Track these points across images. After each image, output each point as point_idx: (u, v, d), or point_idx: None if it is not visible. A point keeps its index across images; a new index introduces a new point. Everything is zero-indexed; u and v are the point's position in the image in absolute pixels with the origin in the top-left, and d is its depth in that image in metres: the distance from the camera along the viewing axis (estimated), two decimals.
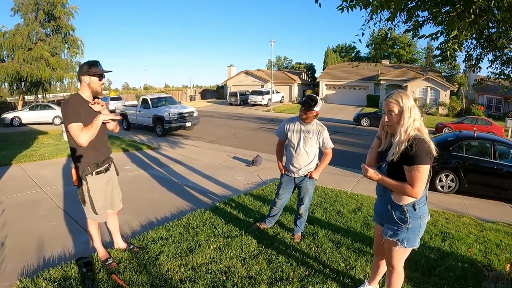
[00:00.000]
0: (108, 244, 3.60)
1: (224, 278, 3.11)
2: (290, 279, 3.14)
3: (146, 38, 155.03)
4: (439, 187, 8.06)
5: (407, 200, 2.30)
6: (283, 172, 4.03)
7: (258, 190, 6.29)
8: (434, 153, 2.19)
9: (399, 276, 2.55)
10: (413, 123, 2.23)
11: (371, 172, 2.31)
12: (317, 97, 3.73)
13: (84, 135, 2.83)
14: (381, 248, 2.64)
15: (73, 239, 3.93)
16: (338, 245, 3.96)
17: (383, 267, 2.84)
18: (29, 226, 4.26)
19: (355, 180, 8.08)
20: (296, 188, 4.08)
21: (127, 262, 3.29)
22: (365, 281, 3.09)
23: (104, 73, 3.00)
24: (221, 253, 3.56)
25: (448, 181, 7.99)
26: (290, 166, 3.92)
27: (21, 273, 3.14)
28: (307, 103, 3.63)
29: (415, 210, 2.31)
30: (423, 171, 2.16)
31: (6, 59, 24.47)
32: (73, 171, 3.00)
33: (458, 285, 3.25)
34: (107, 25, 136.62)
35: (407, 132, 2.21)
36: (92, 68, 2.91)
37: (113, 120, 3.09)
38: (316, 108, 3.63)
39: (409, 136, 2.21)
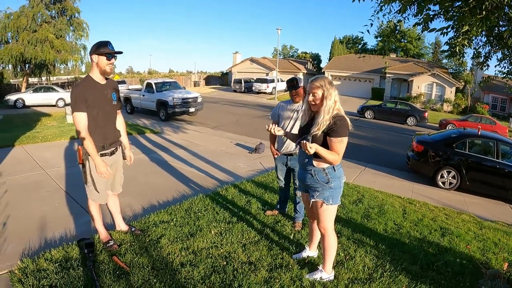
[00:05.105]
0: (110, 226, 3.62)
1: (225, 263, 3.14)
2: (290, 266, 3.17)
3: (152, 23, 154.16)
4: (440, 183, 8.06)
5: (325, 164, 2.70)
6: (275, 155, 4.12)
7: (260, 177, 6.32)
8: (350, 128, 2.66)
9: (331, 238, 2.88)
10: (334, 104, 2.63)
11: (314, 146, 2.49)
12: (294, 76, 4.00)
13: (82, 132, 2.85)
14: (312, 211, 2.99)
15: (74, 221, 3.96)
16: (338, 235, 3.97)
17: (317, 232, 3.13)
18: (31, 207, 4.29)
19: (357, 172, 8.11)
20: (291, 174, 4.14)
21: (128, 244, 3.32)
22: (306, 246, 3.43)
23: (113, 54, 2.99)
24: (222, 238, 3.59)
25: (450, 178, 7.98)
26: (282, 146, 4.01)
27: (22, 254, 3.17)
28: (292, 85, 3.87)
29: (335, 171, 2.74)
30: (345, 142, 2.63)
31: (10, 41, 24.36)
32: (80, 149, 3.02)
33: (455, 281, 3.27)
34: (113, 8, 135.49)
35: (330, 112, 2.61)
36: (101, 47, 2.92)
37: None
38: (301, 84, 3.86)
39: (332, 115, 2.61)
